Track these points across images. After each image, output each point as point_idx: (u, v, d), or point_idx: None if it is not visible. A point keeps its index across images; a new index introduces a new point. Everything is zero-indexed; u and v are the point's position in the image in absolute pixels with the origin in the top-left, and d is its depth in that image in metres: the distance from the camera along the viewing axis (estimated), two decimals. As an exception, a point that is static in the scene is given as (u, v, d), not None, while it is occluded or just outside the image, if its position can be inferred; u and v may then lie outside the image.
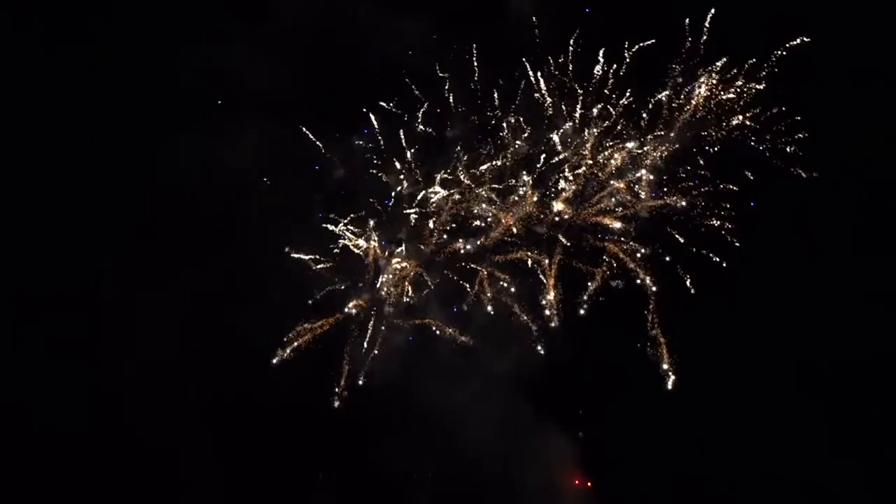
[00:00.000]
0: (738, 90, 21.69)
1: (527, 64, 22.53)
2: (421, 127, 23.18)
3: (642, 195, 22.24)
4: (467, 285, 22.88)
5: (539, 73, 22.48)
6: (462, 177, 22.96)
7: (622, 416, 22.68)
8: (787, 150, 21.35)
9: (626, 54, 22.11)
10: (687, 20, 21.53)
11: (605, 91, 22.40)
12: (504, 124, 22.82)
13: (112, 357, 22.16)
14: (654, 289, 21.99)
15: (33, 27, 23.26)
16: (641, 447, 22.52)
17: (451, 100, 23.09)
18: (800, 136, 21.30)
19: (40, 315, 22.16)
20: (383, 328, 22.93)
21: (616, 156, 22.46)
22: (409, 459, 23.26)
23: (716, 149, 21.98)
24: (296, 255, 22.92)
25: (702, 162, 21.96)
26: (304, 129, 23.09)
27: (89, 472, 21.77)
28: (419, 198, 23.25)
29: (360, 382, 22.73)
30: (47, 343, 22.14)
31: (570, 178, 22.52)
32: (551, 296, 22.32)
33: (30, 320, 22.08)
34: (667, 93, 22.10)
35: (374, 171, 23.39)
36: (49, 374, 22.10)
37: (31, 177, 22.64)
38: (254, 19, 22.79)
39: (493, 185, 22.95)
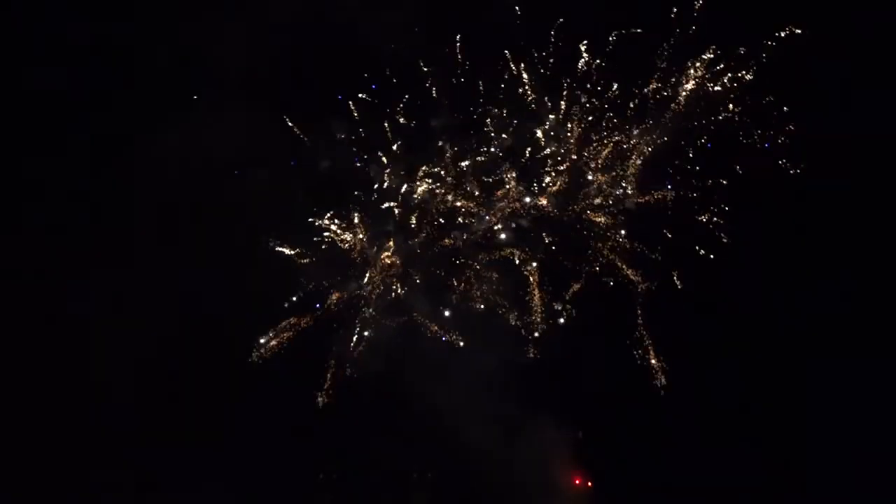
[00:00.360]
0: (728, 82, 21.36)
1: (508, 55, 22.40)
2: (403, 120, 23.06)
3: (629, 189, 22.02)
4: (454, 280, 22.79)
5: (522, 65, 22.31)
6: (443, 172, 22.86)
7: (622, 416, 22.40)
8: (779, 141, 21.02)
9: (609, 46, 21.90)
10: (675, 9, 21.28)
11: (589, 85, 22.23)
12: (488, 119, 22.72)
13: (105, 356, 22.39)
14: (641, 284, 21.75)
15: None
16: (641, 447, 22.22)
17: (434, 92, 22.95)
18: (790, 128, 20.98)
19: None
20: (371, 324, 22.87)
21: (602, 149, 22.26)
22: (409, 459, 23.20)
23: (704, 141, 21.69)
24: (279, 249, 22.90)
25: (691, 155, 21.72)
26: (287, 119, 23.05)
27: (87, 473, 21.96)
28: (402, 191, 23.14)
29: (355, 379, 22.66)
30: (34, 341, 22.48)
31: (554, 173, 22.38)
32: (536, 294, 22.19)
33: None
34: (654, 85, 21.84)
35: (359, 164, 23.29)
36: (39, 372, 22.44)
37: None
38: (236, 8, 22.81)
39: (481, 178, 22.88)
